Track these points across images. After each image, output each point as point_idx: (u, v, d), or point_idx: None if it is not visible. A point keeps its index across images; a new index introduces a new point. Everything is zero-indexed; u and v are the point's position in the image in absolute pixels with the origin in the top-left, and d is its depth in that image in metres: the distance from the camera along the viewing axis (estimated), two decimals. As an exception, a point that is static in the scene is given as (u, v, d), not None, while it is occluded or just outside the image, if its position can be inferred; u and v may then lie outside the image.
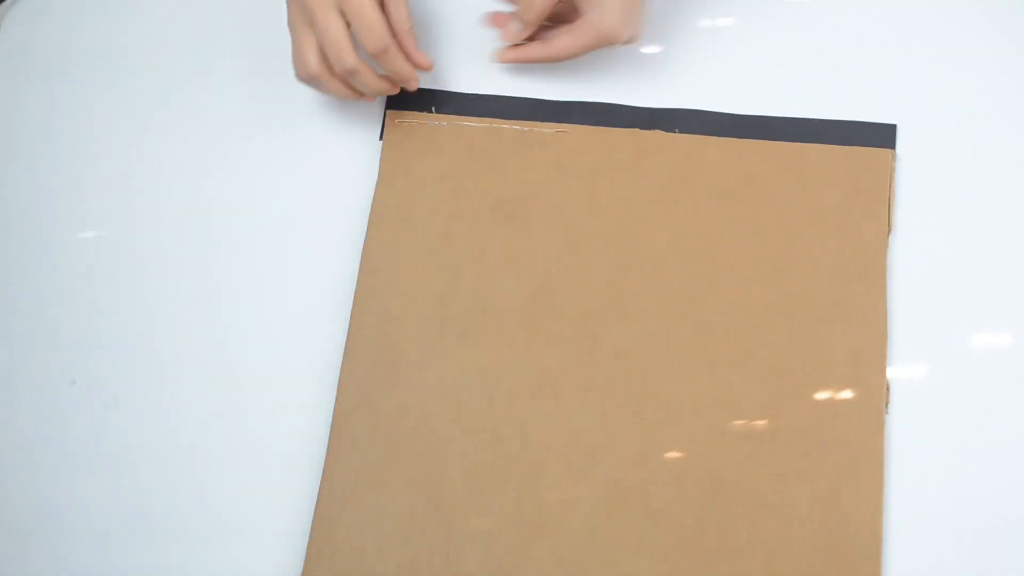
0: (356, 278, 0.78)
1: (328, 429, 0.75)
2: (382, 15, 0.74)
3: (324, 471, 0.74)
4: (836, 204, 0.76)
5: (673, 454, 0.71)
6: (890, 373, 0.72)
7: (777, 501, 0.70)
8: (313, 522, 0.73)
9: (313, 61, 0.75)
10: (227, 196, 0.84)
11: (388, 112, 0.83)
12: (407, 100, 0.83)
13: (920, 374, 0.72)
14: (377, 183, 0.81)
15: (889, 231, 0.75)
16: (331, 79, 0.77)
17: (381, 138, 0.83)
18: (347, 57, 0.74)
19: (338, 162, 0.83)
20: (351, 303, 0.78)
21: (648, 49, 0.83)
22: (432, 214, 0.80)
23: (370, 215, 0.80)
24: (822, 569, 0.68)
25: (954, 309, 0.73)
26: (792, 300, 0.74)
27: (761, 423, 0.71)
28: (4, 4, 0.94)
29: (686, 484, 0.71)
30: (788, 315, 0.74)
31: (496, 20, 0.82)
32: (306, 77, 0.77)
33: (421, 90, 0.82)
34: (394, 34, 0.76)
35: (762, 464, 0.71)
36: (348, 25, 0.73)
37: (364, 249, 0.79)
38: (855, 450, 0.70)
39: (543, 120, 0.81)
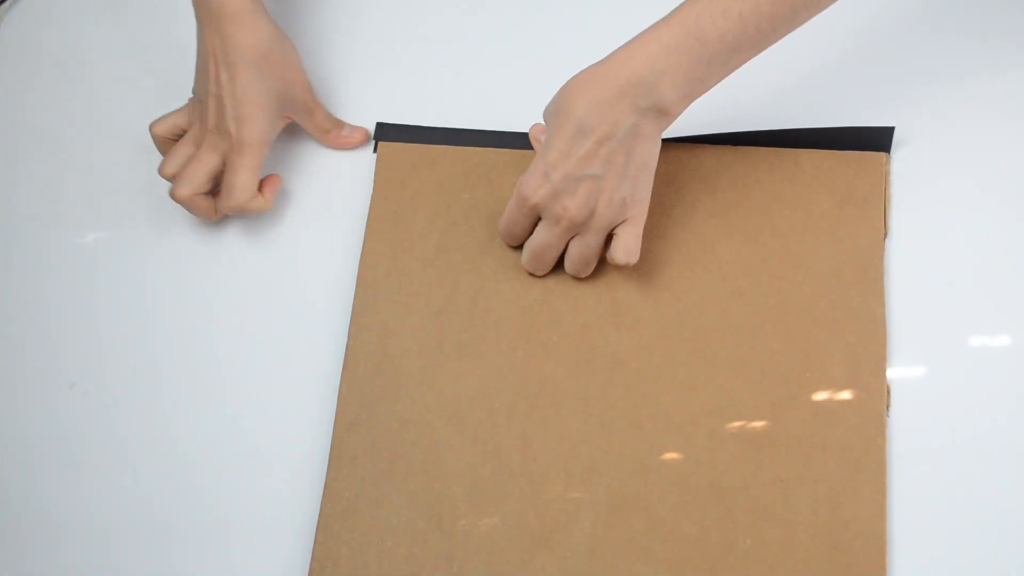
0: (353, 292, 0.78)
1: (328, 444, 0.75)
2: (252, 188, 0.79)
3: (325, 487, 0.73)
4: (831, 209, 0.76)
5: (673, 462, 0.71)
6: (890, 375, 0.72)
7: (779, 507, 0.70)
8: (316, 538, 0.72)
9: (171, 168, 0.80)
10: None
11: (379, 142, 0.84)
12: (395, 134, 0.83)
13: (920, 376, 0.72)
14: (372, 196, 0.81)
15: (886, 235, 0.75)
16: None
17: (375, 151, 0.83)
18: (184, 191, 0.79)
19: (333, 177, 0.84)
20: (349, 317, 0.78)
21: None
22: (428, 227, 0.80)
23: (366, 228, 0.80)
24: (827, 573, 0.68)
25: (952, 311, 0.73)
26: (789, 306, 0.74)
27: (761, 429, 0.71)
28: (4, 5, 0.95)
29: (687, 492, 0.71)
30: (785, 321, 0.74)
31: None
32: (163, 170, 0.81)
33: (408, 126, 0.83)
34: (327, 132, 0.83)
35: (763, 470, 0.71)
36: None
37: (361, 263, 0.79)
38: (856, 453, 0.70)
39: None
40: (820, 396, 0.72)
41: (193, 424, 0.78)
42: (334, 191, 0.83)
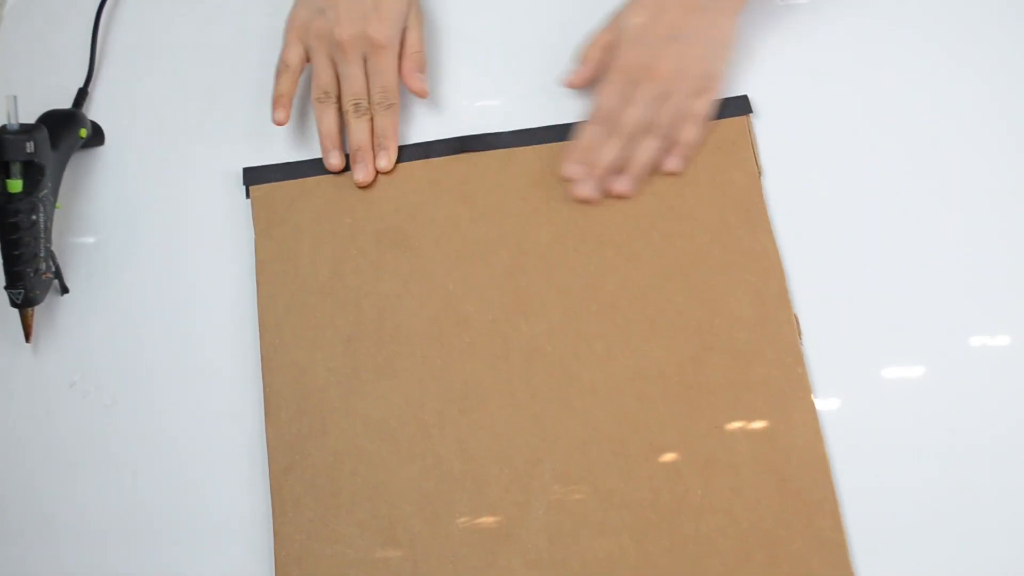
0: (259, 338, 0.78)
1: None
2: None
3: (275, 534, 0.72)
4: (704, 160, 0.78)
5: (610, 433, 0.72)
6: (793, 308, 0.74)
7: (720, 453, 0.71)
8: (276, 587, 0.72)
9: (331, 88, 0.82)
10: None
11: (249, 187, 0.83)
12: (263, 176, 0.83)
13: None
14: (255, 240, 0.80)
15: (760, 174, 0.77)
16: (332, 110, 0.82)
17: (247, 196, 0.82)
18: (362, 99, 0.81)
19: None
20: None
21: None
22: (317, 257, 0.79)
23: (256, 273, 0.79)
24: (780, 505, 0.69)
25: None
26: (685, 259, 0.76)
27: (686, 382, 0.73)
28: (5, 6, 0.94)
29: (629, 459, 0.72)
30: (685, 274, 0.75)
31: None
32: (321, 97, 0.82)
33: (276, 165, 0.83)
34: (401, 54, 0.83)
35: (696, 421, 0.72)
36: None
37: (259, 307, 0.78)
38: (780, 384, 0.72)
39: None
40: (734, 338, 0.73)
41: (188, 413, 0.78)
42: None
